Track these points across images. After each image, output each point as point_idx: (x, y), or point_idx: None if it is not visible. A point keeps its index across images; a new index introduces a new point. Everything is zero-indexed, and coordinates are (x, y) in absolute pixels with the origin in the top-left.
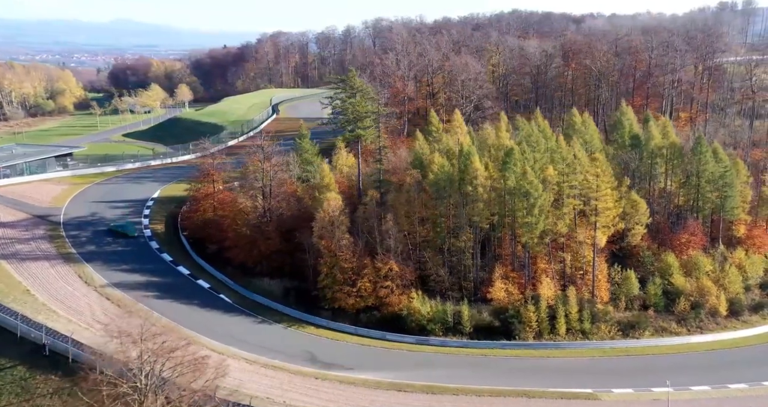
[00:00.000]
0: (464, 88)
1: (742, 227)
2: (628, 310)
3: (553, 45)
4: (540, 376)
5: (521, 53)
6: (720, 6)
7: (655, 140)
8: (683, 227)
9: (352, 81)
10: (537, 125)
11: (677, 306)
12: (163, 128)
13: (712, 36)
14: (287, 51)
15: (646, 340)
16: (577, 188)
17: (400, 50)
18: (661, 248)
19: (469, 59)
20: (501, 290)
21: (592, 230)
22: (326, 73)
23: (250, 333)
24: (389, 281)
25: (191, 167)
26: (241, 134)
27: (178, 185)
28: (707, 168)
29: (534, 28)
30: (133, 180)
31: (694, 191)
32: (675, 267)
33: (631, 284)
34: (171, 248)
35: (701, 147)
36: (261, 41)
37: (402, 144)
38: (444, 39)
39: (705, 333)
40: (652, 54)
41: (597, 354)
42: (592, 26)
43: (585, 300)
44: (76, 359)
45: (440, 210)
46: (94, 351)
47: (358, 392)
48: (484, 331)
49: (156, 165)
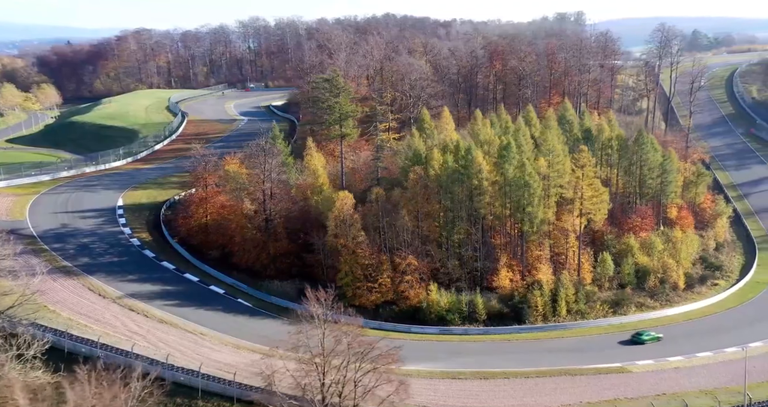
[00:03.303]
0: (412, 87)
1: (675, 209)
2: (609, 290)
3: (481, 47)
4: (562, 355)
5: (451, 54)
6: (559, 16)
7: (606, 133)
8: (635, 211)
9: (336, 81)
10: (502, 121)
11: (648, 282)
12: (57, 133)
13: (608, 41)
14: (153, 50)
15: (633, 316)
16: (565, 178)
17: (343, 49)
18: (620, 232)
19: (412, 59)
20: (506, 279)
21: (576, 217)
22: (201, 72)
23: None
24: (408, 275)
25: (134, 173)
26: (164, 138)
27: (136, 192)
28: (649, 157)
29: (409, 31)
30: (82, 189)
31: (636, 178)
32: (636, 248)
33: (608, 266)
34: (168, 256)
35: (643, 138)
36: (122, 39)
37: (365, 144)
38: (377, 40)
39: (674, 305)
40: (567, 56)
41: (599, 332)
42: (459, 31)
43: (577, 283)
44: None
45: (445, 204)
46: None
47: (417, 382)
48: (496, 318)
49: (91, 173)
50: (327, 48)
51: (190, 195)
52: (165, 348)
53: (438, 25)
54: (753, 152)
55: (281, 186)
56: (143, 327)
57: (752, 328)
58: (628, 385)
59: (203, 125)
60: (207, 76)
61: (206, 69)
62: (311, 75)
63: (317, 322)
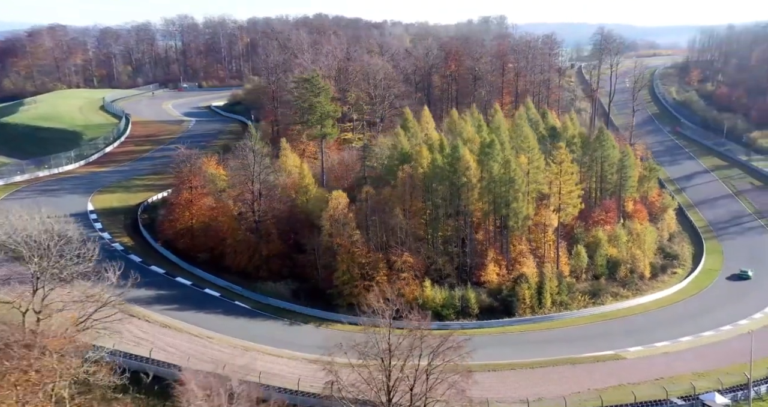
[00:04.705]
0: (377, 87)
1: (631, 203)
2: (586, 281)
3: (438, 47)
4: (556, 345)
5: (408, 55)
6: (483, 19)
7: (570, 130)
8: (600, 205)
9: (316, 81)
10: (475, 119)
11: (619, 272)
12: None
13: (553, 43)
14: (69, 47)
15: (610, 305)
16: (541, 174)
17: (307, 49)
18: (587, 225)
19: (375, 60)
20: (493, 273)
21: (553, 212)
22: (124, 71)
23: (297, 336)
24: (404, 273)
25: (92, 177)
26: (114, 140)
27: (103, 196)
28: (609, 154)
29: (342, 30)
30: (44, 194)
31: (597, 174)
32: (604, 240)
33: (582, 258)
34: (155, 260)
35: (604, 136)
36: (34, 35)
37: (334, 144)
38: (340, 39)
39: (644, 294)
40: (519, 57)
41: (584, 322)
42: (392, 32)
43: (559, 275)
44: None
45: (435, 201)
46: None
47: None
48: (487, 311)
49: (46, 177)
50: (289, 48)
51: (175, 198)
52: (176, 352)
53: (371, 26)
54: (681, 148)
55: (269, 187)
56: (148, 332)
57: (718, 313)
58: (627, 371)
59: (150, 126)
60: (131, 75)
61: (130, 68)
62: (276, 74)
63: (382, 322)
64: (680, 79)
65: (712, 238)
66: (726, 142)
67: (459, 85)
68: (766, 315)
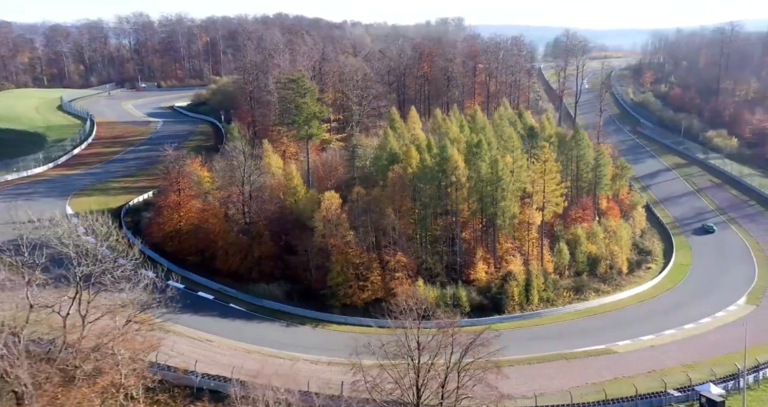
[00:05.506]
0: (354, 88)
1: (605, 201)
2: (569, 277)
3: (412, 48)
4: (548, 341)
5: (383, 56)
6: (441, 21)
7: (547, 130)
8: (577, 203)
9: (302, 81)
10: (457, 120)
11: (599, 268)
12: None
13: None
14: (15, 45)
15: (594, 300)
16: (527, 173)
17: (283, 50)
18: (566, 222)
19: (351, 60)
20: (482, 271)
21: (536, 210)
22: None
23: (297, 338)
24: (398, 272)
25: (64, 180)
26: (81, 142)
27: (81, 199)
28: (585, 153)
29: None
30: (18, 197)
31: (572, 172)
32: (583, 237)
33: (564, 255)
34: (143, 263)
35: (579, 135)
36: None
37: (315, 145)
38: (314, 39)
39: (624, 289)
40: (490, 58)
41: (571, 317)
42: (352, 32)
43: (545, 272)
44: None
45: (423, 201)
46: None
47: None
48: (477, 309)
49: (16, 180)
50: (265, 48)
51: (163, 200)
52: (180, 356)
53: (332, 27)
54: (643, 147)
55: (258, 188)
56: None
57: (695, 306)
58: (620, 364)
59: (116, 127)
60: (83, 74)
61: (82, 67)
62: (254, 74)
63: (410, 322)
64: (635, 81)
65: (680, 234)
66: (684, 141)
67: (431, 86)
68: (740, 307)
